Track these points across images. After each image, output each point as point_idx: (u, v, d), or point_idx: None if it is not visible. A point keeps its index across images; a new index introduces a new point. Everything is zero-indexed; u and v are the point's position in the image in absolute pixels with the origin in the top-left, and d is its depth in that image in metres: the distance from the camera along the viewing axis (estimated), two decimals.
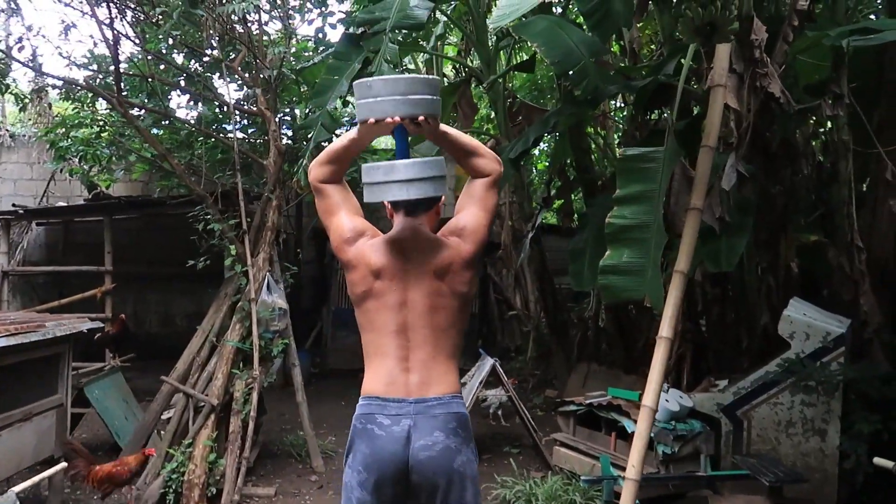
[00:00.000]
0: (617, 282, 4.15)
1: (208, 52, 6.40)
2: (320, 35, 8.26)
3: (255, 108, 5.85)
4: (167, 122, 7.01)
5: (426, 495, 2.11)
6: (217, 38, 5.53)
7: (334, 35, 8.73)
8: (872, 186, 5.40)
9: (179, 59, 7.43)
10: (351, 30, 6.96)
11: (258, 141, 7.34)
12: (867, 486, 4.70)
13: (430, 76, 2.08)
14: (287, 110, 8.04)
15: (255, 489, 4.99)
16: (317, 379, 9.18)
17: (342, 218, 2.21)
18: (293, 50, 6.51)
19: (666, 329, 3.60)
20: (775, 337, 5.28)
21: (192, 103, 7.48)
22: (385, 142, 8.97)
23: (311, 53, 7.97)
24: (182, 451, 4.72)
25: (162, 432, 5.60)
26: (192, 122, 7.19)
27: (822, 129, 6.76)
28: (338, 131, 5.23)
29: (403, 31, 4.66)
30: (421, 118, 2.04)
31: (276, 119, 5.69)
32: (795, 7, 4.56)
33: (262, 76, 5.65)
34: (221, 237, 5.12)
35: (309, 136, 7.43)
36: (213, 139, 6.90)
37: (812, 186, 5.25)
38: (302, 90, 7.39)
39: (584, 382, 6.89)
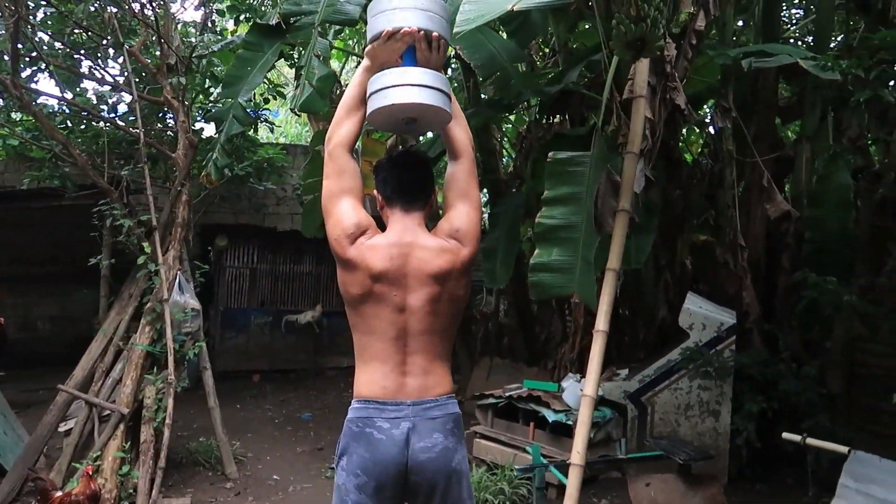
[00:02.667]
0: (547, 279, 4.35)
1: (91, 34, 5.88)
2: (209, 23, 7.89)
3: (156, 97, 5.48)
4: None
5: (424, 495, 2.11)
6: (117, 21, 5.11)
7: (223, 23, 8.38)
8: (747, 191, 6.02)
9: (46, 40, 6.79)
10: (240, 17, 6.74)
11: (137, 130, 6.84)
12: (751, 460, 5.29)
13: None
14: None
15: (168, 500, 4.71)
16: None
17: (346, 208, 2.11)
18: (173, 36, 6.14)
19: (602, 323, 3.83)
20: (671, 329, 5.78)
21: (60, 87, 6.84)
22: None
23: (194, 40, 7.59)
24: (89, 464, 4.36)
25: (45, 448, 5.14)
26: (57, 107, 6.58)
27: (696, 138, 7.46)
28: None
29: (334, 25, 4.57)
30: (435, 35, 2.02)
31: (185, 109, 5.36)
32: (693, 27, 5.00)
33: (167, 62, 5.30)
34: (129, 234, 4.77)
35: (194, 127, 7.10)
36: (83, 126, 6.37)
37: (703, 190, 5.77)
38: (195, 80, 7.01)
39: (487, 376, 7.13)
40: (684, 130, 7.59)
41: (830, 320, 5.27)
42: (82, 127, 6.86)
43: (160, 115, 6.36)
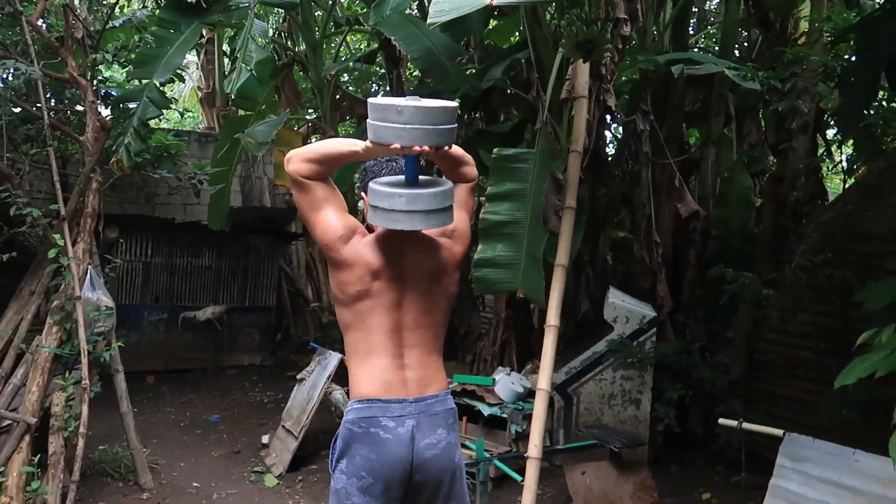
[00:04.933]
0: (491, 274, 4.39)
1: None
2: None
3: (60, 73, 4.95)
4: None
5: (428, 492, 2.11)
6: None
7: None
8: (657, 191, 6.35)
9: None
10: None
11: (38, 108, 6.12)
12: (665, 445, 5.61)
13: (454, 103, 1.96)
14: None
15: None
16: None
17: (329, 215, 2.06)
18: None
19: (553, 318, 3.92)
20: (591, 322, 6.00)
21: None
22: None
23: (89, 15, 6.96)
24: None
25: None
26: None
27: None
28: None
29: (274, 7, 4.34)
30: (446, 148, 1.97)
31: (94, 87, 4.88)
32: (620, 33, 5.21)
33: (73, 35, 4.79)
34: (34, 225, 4.28)
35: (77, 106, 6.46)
36: None
37: (624, 189, 6.03)
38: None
39: None
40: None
41: (735, 312, 5.68)
42: None
43: (56, 93, 5.74)
